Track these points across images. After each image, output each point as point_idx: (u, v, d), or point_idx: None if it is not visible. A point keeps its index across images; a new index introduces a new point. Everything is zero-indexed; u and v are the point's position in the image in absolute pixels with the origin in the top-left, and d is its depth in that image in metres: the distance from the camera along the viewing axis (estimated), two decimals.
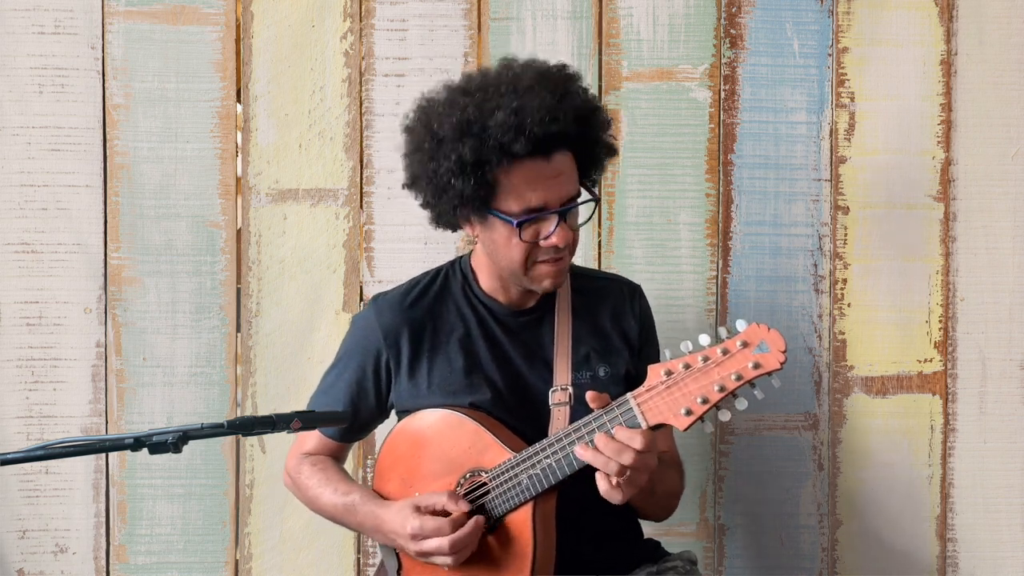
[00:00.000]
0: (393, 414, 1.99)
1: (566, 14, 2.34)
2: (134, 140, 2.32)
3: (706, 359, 1.65)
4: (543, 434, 1.82)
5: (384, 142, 2.33)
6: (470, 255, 1.98)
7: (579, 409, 1.79)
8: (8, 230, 2.31)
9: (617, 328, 1.95)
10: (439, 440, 1.85)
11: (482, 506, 1.80)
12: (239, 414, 2.34)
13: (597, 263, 2.34)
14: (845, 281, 2.35)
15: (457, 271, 1.97)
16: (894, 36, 2.34)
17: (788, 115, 2.35)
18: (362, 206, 2.35)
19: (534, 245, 1.80)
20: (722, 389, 1.63)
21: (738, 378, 1.63)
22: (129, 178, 2.32)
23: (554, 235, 1.78)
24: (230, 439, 2.33)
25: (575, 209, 1.82)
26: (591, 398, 1.71)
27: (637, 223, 2.34)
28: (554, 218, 1.78)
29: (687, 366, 1.66)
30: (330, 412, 1.89)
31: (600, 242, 2.35)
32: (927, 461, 2.36)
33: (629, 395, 1.69)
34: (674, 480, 1.96)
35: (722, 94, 2.34)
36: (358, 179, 2.35)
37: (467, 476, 1.82)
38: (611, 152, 1.90)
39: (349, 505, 1.91)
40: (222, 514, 2.35)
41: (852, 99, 2.34)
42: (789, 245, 2.35)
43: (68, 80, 2.31)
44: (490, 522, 1.80)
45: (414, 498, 1.81)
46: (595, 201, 1.88)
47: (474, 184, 1.75)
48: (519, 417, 1.87)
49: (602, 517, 1.85)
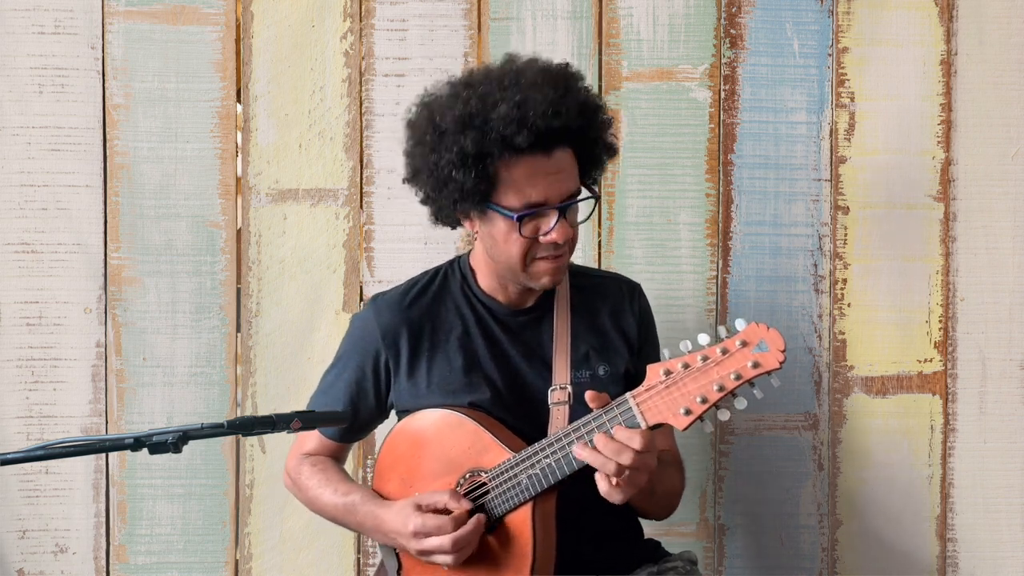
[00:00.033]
0: (393, 414, 1.99)
1: (566, 14, 2.34)
2: (134, 140, 2.32)
3: (705, 358, 1.64)
4: (542, 433, 1.82)
5: (384, 142, 2.33)
6: (469, 254, 1.98)
7: (578, 408, 1.79)
8: (8, 230, 2.31)
9: (616, 327, 1.95)
10: (439, 440, 1.85)
11: (482, 506, 1.80)
12: (239, 414, 2.34)
13: (597, 263, 2.34)
14: (845, 281, 2.35)
15: (456, 270, 1.97)
16: (894, 36, 2.34)
17: (788, 115, 2.35)
18: (362, 206, 2.35)
19: (533, 241, 1.80)
20: (721, 388, 1.63)
21: (737, 377, 1.63)
22: (129, 178, 2.32)
23: (554, 231, 1.78)
24: (230, 439, 2.33)
25: (575, 206, 1.82)
26: (590, 398, 1.71)
27: (637, 223, 2.34)
28: (554, 214, 1.78)
29: (686, 366, 1.65)
30: (330, 412, 1.89)
31: (600, 242, 2.35)
32: (927, 461, 2.36)
33: (628, 395, 1.69)
34: (674, 479, 1.96)
35: (722, 94, 2.34)
36: (358, 179, 2.35)
37: (467, 476, 1.82)
38: (611, 152, 1.90)
39: (349, 505, 1.91)
40: (222, 514, 2.35)
41: (852, 99, 2.34)
42: (789, 245, 2.35)
43: (68, 80, 2.31)
44: (490, 522, 1.79)
45: (415, 497, 1.81)
46: (595, 198, 1.87)
47: (475, 177, 1.75)
48: (518, 416, 1.87)
49: (602, 517, 1.85)
